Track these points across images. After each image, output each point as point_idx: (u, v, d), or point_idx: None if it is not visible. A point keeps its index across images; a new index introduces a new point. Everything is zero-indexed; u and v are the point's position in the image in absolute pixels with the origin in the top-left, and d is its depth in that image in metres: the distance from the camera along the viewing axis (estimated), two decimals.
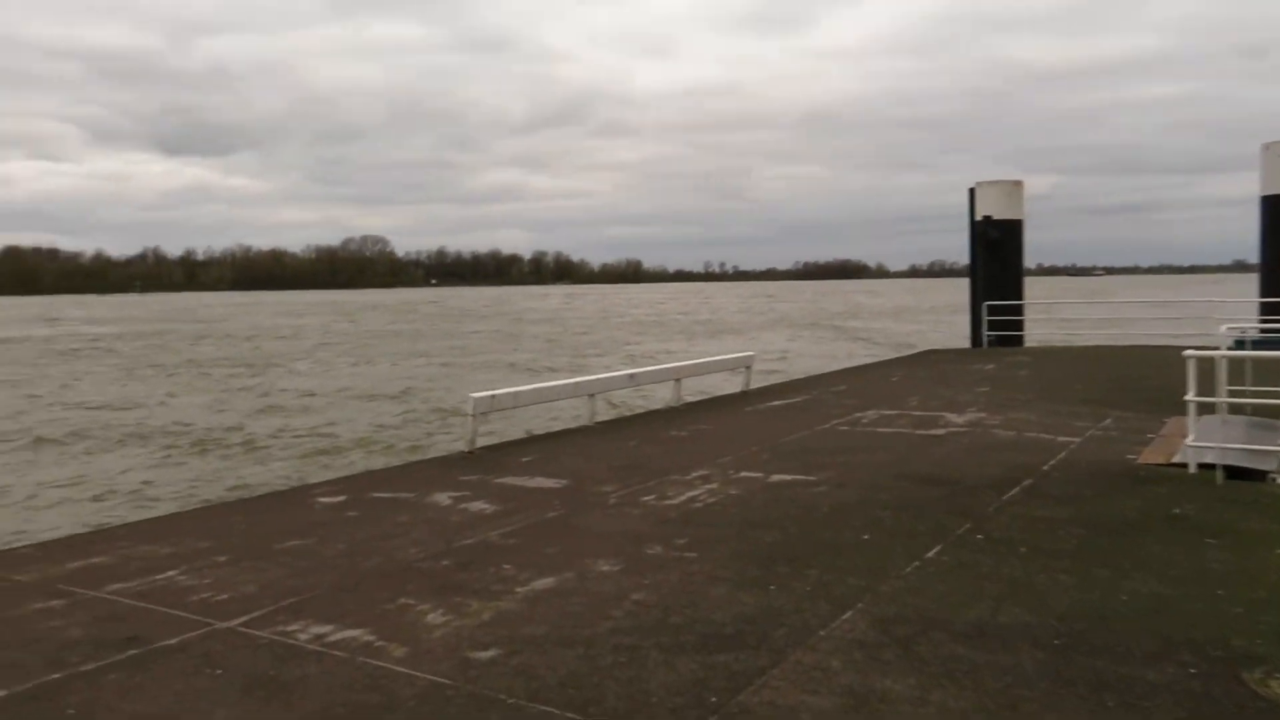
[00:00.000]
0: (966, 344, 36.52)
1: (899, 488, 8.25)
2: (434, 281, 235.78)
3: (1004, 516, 7.23)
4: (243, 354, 42.57)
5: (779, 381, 18.77)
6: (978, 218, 27.21)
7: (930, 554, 6.30)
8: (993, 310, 25.48)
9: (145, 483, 14.81)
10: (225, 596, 5.80)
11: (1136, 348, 22.80)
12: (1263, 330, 22.52)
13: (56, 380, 30.64)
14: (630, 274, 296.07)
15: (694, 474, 9.11)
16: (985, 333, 25.36)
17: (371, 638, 5.06)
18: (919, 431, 11.27)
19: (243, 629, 5.26)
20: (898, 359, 23.37)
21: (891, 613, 5.22)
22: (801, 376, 20.28)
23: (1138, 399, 13.75)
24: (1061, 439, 10.50)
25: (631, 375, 13.76)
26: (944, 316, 66.11)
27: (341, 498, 8.61)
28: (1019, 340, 26.03)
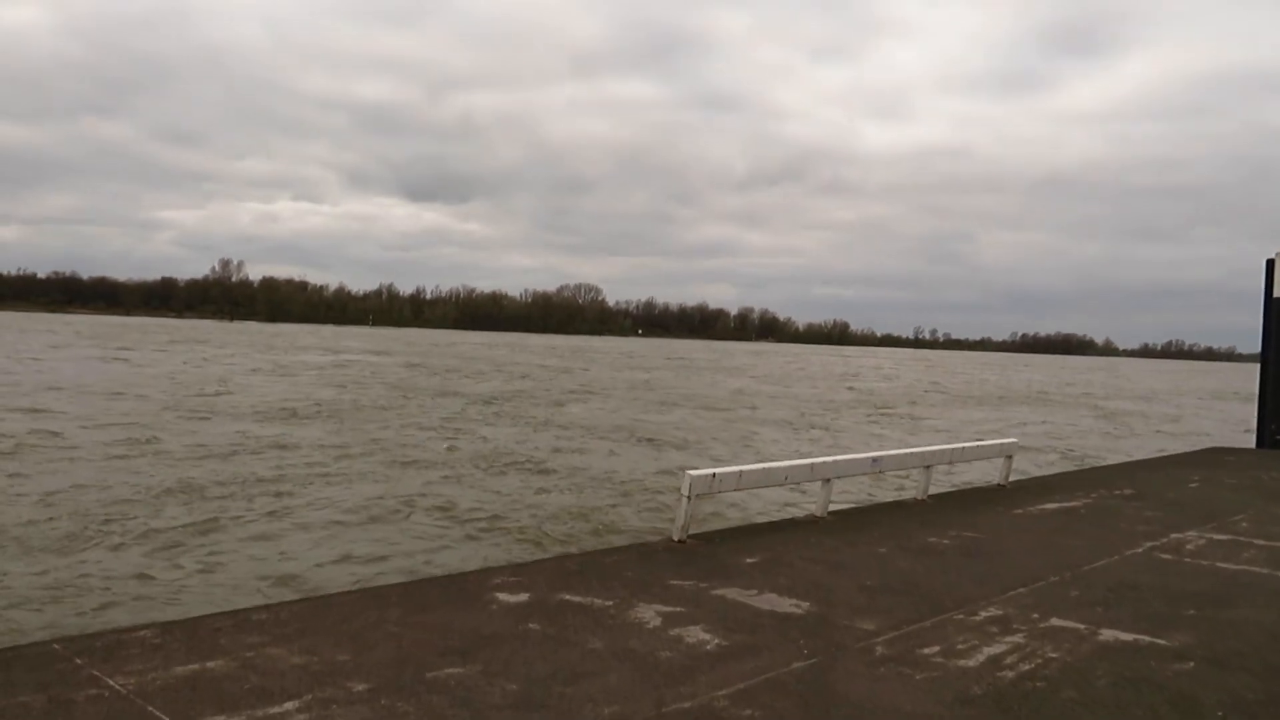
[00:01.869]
0: (1240, 437, 31.45)
1: None
2: (640, 331, 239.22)
3: None
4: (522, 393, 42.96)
5: (1042, 474, 15.80)
6: (1277, 294, 23.09)
7: None
8: None
9: (335, 533, 13.78)
10: None
11: None
12: None
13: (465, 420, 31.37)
14: (836, 335, 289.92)
15: (983, 613, 6.72)
16: None
17: None
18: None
19: None
20: (1182, 456, 19.63)
21: None
22: (1069, 469, 17.16)
23: None
24: None
25: (875, 459, 11.44)
26: (1203, 402, 58.78)
27: (524, 596, 6.84)
28: None
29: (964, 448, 13.08)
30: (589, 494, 16.63)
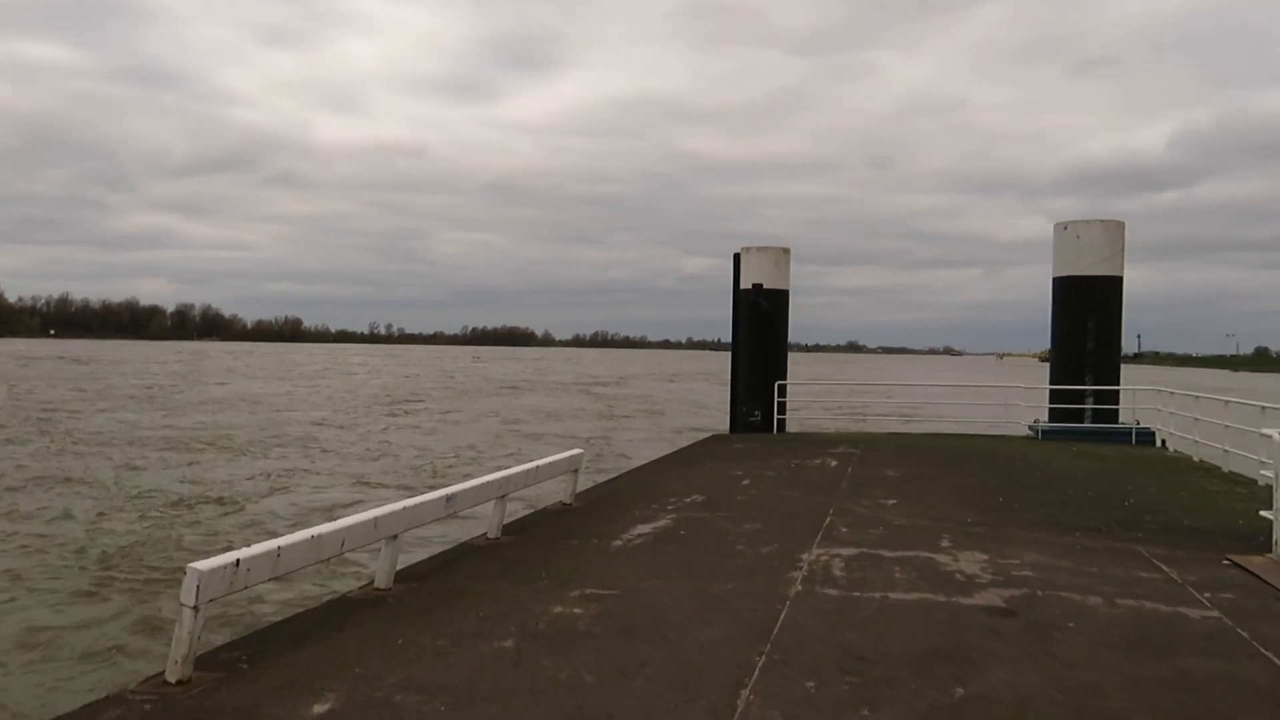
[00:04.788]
0: (701, 413, 33.89)
1: None
2: (53, 332, 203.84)
3: None
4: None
5: (594, 481, 14.08)
6: (745, 286, 24.43)
7: None
8: (781, 390, 22.63)
9: None
10: None
11: (950, 435, 20.72)
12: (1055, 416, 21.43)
13: None
14: (289, 332, 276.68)
15: None
16: (776, 416, 22.39)
17: None
18: (961, 599, 7.12)
19: None
20: (701, 447, 19.49)
21: None
22: (615, 474, 15.75)
23: (1092, 516, 10.72)
24: (1193, 614, 6.82)
25: (448, 497, 8.52)
26: (656, 383, 64.64)
27: None
28: (783, 424, 23.22)
29: (537, 467, 10.71)
30: (39, 603, 11.44)
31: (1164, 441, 19.16)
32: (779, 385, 22.46)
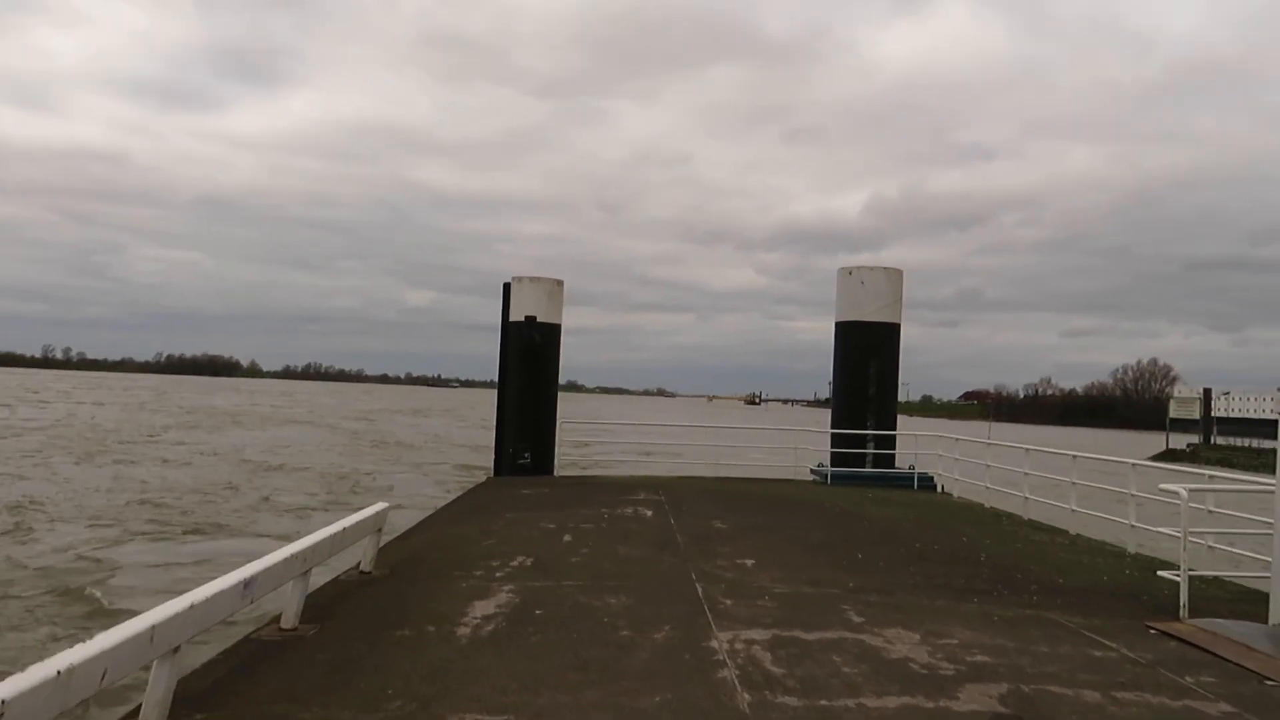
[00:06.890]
0: (458, 456, 31.53)
1: None
2: None
3: None
4: None
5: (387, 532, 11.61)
6: (515, 318, 22.67)
7: None
8: (556, 430, 20.94)
9: None
10: None
11: (741, 480, 19.80)
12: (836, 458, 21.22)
13: None
14: None
15: None
16: (556, 457, 20.64)
17: None
18: (949, 703, 5.68)
19: None
20: (482, 495, 17.25)
21: None
22: (405, 528, 13.22)
23: (970, 575, 9.92)
24: (1209, 711, 5.82)
25: (245, 582, 6.03)
26: (390, 421, 60.61)
27: None
28: (550, 467, 21.63)
29: (343, 530, 8.25)
30: None
31: (943, 487, 19.38)
32: (561, 425, 20.76)
